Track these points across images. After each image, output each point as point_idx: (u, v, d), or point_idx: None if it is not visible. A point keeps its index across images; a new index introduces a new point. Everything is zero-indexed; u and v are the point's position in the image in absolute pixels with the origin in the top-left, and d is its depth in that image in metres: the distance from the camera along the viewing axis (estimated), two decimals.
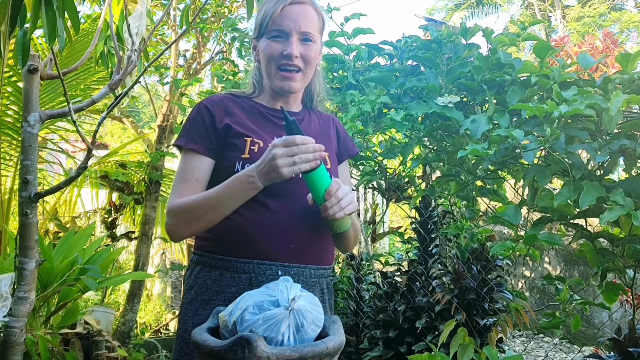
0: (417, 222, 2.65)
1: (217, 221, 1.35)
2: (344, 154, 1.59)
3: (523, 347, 4.34)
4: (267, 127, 1.45)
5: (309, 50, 1.42)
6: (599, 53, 2.49)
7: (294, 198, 1.37)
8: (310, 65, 1.44)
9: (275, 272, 1.34)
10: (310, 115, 1.57)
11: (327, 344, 0.99)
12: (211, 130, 1.43)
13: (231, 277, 1.35)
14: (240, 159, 1.37)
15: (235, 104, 1.48)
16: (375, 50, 2.34)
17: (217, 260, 1.38)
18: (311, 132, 1.50)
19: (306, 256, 1.39)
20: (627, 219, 1.66)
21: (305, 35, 1.41)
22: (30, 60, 2.06)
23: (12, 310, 2.03)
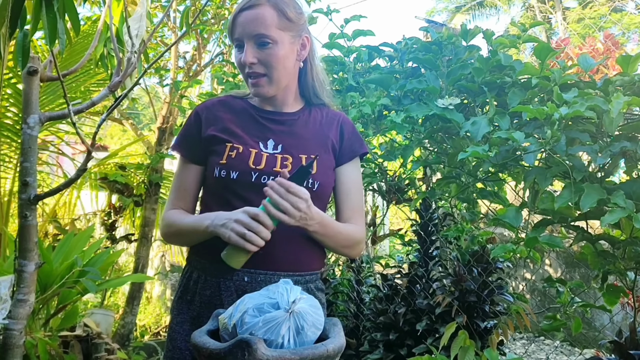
0: (417, 224, 2.65)
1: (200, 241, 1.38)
2: (346, 156, 1.51)
3: (524, 349, 4.34)
4: (254, 129, 1.43)
5: (267, 54, 1.36)
6: (600, 55, 2.49)
7: None
8: (275, 68, 1.37)
9: (242, 278, 1.34)
10: (311, 113, 1.51)
11: (328, 347, 0.99)
12: (198, 137, 1.43)
13: (205, 280, 1.38)
14: (218, 164, 1.36)
15: (227, 108, 1.47)
16: (376, 52, 2.34)
17: (198, 262, 1.41)
18: (305, 132, 1.47)
19: (276, 263, 1.36)
20: (628, 221, 1.66)
21: (260, 39, 1.35)
22: (30, 62, 2.06)
23: (12, 313, 2.03)
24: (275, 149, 1.40)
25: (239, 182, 1.35)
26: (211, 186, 1.41)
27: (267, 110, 1.47)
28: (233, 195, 1.35)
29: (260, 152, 1.38)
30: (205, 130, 1.42)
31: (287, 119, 1.47)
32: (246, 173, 1.35)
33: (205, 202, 1.44)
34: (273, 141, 1.42)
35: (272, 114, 1.47)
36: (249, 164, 1.35)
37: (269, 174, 1.35)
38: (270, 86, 1.39)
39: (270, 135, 1.42)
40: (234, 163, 1.35)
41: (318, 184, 1.39)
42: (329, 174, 1.45)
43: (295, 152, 1.41)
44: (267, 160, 1.37)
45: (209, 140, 1.41)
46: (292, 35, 1.39)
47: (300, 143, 1.43)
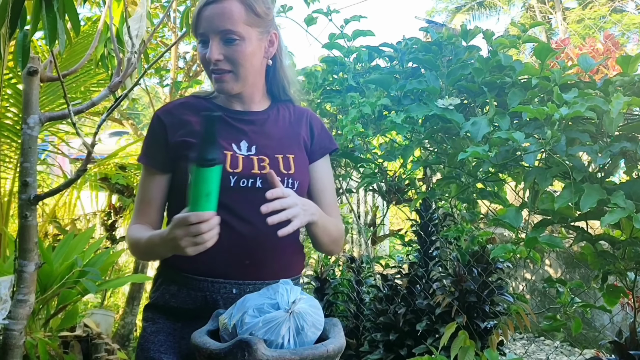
0: (417, 224, 2.65)
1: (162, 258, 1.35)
2: (317, 153, 1.48)
3: (524, 349, 4.34)
4: (225, 131, 1.36)
5: (233, 51, 1.29)
6: (600, 55, 2.49)
7: (253, 215, 1.26)
8: (242, 65, 1.31)
9: (230, 291, 1.30)
10: (279, 111, 1.46)
11: (328, 347, 0.99)
12: (164, 143, 1.36)
13: (187, 294, 1.31)
14: None
15: (192, 110, 1.39)
16: (376, 52, 2.34)
17: (175, 274, 1.34)
18: (277, 131, 1.42)
19: (263, 272, 1.32)
20: (628, 221, 1.66)
21: (226, 35, 1.28)
22: (30, 62, 2.06)
23: (12, 313, 2.03)
24: (249, 151, 1.35)
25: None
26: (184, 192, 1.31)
27: (235, 110, 1.41)
28: None
29: (235, 154, 1.33)
30: (173, 135, 1.35)
31: (257, 118, 1.41)
32: (224, 178, 1.23)
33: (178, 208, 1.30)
34: (246, 142, 1.36)
35: (241, 113, 1.41)
36: (226, 167, 1.29)
37: (247, 177, 1.31)
38: (236, 83, 1.33)
39: (243, 136, 1.37)
40: None
41: (297, 184, 1.36)
42: (305, 172, 1.42)
43: (270, 153, 1.36)
44: (244, 162, 1.32)
45: (178, 146, 1.34)
46: (260, 31, 1.33)
47: (273, 143, 1.39)
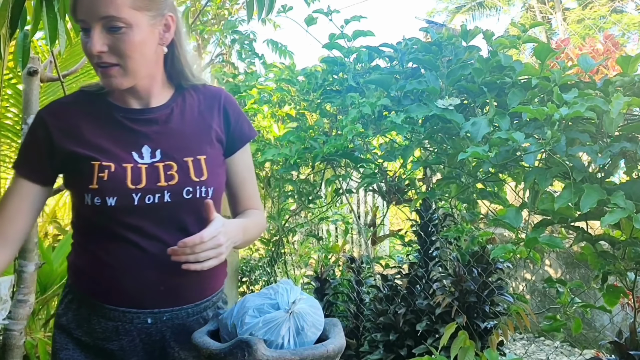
0: (417, 224, 2.65)
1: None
2: (236, 144, 1.31)
3: (524, 350, 4.33)
4: (123, 137, 1.18)
5: (119, 41, 1.08)
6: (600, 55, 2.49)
7: (164, 233, 1.16)
8: (130, 56, 1.10)
9: (144, 321, 1.17)
10: (185, 99, 1.27)
11: (328, 347, 0.99)
12: (44, 150, 1.17)
13: (98, 322, 1.17)
14: (89, 190, 1.11)
15: (83, 112, 1.20)
16: (376, 52, 2.34)
17: (86, 298, 1.19)
18: (186, 126, 1.24)
19: (180, 297, 1.19)
20: (628, 221, 1.66)
21: (110, 23, 1.07)
22: (30, 62, 2.06)
23: (12, 313, 2.03)
24: (153, 157, 1.17)
25: (119, 208, 1.12)
26: (84, 214, 1.17)
27: (133, 110, 1.21)
28: (116, 224, 1.13)
29: (137, 165, 1.15)
30: (60, 143, 1.16)
31: (159, 115, 1.22)
32: (126, 196, 1.12)
33: (82, 231, 1.21)
34: (149, 147, 1.18)
35: (140, 112, 1.21)
36: (127, 184, 1.12)
37: (153, 192, 1.14)
38: (125, 77, 1.13)
39: (144, 140, 1.18)
40: (108, 186, 1.11)
41: (212, 190, 1.20)
42: (219, 173, 1.26)
43: (178, 156, 1.19)
44: (148, 174, 1.15)
45: (67, 157, 1.15)
46: (151, 15, 1.12)
47: (181, 143, 1.21)
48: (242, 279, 4.13)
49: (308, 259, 4.53)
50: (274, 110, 2.83)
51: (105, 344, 1.18)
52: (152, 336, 1.19)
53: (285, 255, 3.61)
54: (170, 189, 1.15)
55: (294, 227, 3.53)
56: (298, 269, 4.10)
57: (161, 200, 1.14)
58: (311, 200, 2.97)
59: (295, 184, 2.96)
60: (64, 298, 1.25)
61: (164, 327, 1.19)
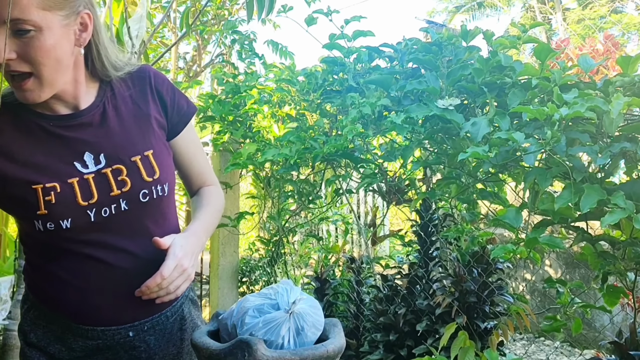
0: (417, 224, 2.65)
1: None
2: (179, 125, 1.22)
3: (524, 350, 4.33)
4: (59, 149, 1.06)
5: (29, 46, 0.96)
6: (600, 56, 2.49)
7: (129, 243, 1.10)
8: (44, 62, 0.98)
9: (126, 335, 1.12)
10: (116, 92, 1.15)
11: (328, 347, 0.99)
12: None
13: (74, 341, 1.10)
14: (37, 216, 1.01)
15: (7, 125, 1.05)
16: (376, 52, 2.34)
17: (56, 318, 1.11)
18: (123, 122, 1.13)
19: (157, 304, 1.12)
20: (628, 221, 1.66)
21: (16, 26, 0.94)
22: None
23: (12, 313, 2.03)
24: (98, 163, 1.07)
25: (76, 229, 1.04)
26: (39, 238, 1.07)
27: (62, 116, 1.09)
28: (76, 244, 1.06)
29: (83, 177, 1.05)
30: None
31: (93, 116, 1.10)
32: (81, 215, 1.03)
33: (38, 252, 1.11)
34: (90, 154, 1.07)
35: (70, 118, 1.09)
36: (79, 202, 1.03)
37: (108, 203, 1.06)
38: (42, 88, 1.01)
39: (83, 147, 1.07)
40: (58, 210, 1.02)
41: (167, 186, 1.14)
42: (169, 164, 1.18)
43: (124, 157, 1.10)
44: (97, 185, 1.06)
45: (2, 182, 1.03)
46: (64, 15, 0.99)
47: (123, 142, 1.11)
48: (242, 279, 4.14)
49: (308, 259, 4.53)
50: (274, 110, 2.83)
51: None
52: (137, 347, 1.16)
53: (285, 256, 3.61)
54: (125, 197, 1.08)
55: (294, 227, 3.53)
56: (298, 269, 4.10)
57: (118, 209, 1.07)
58: (311, 200, 2.97)
59: (295, 184, 2.96)
60: (27, 312, 1.15)
61: (147, 336, 1.17)
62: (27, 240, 1.13)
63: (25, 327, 1.14)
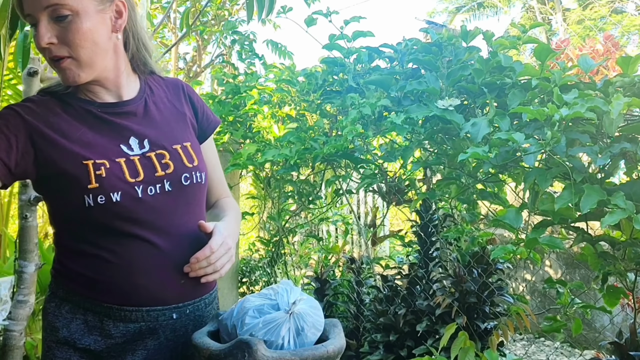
0: (417, 225, 2.65)
1: None
2: (207, 130, 1.32)
3: (524, 350, 4.33)
4: (108, 132, 1.14)
5: (67, 30, 1.04)
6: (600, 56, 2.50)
7: (172, 224, 1.15)
8: (81, 46, 1.06)
9: (170, 317, 1.14)
10: (154, 90, 1.25)
11: (328, 348, 0.99)
12: (17, 144, 1.06)
13: (115, 326, 1.11)
14: (88, 190, 1.05)
15: (59, 109, 1.13)
16: (376, 53, 2.34)
17: (94, 304, 1.12)
18: (163, 115, 1.22)
19: (199, 288, 1.18)
20: (628, 222, 1.66)
21: (55, 12, 1.03)
22: (31, 63, 2.06)
23: (12, 314, 2.03)
24: (142, 147, 1.15)
25: (124, 203, 1.08)
26: (84, 219, 1.09)
27: (108, 103, 1.16)
28: (123, 221, 1.09)
29: (129, 157, 1.12)
30: (38, 139, 1.08)
31: (136, 108, 1.19)
32: (129, 190, 1.08)
33: (79, 236, 1.12)
34: (135, 139, 1.15)
35: (116, 105, 1.17)
36: (127, 178, 1.09)
37: (154, 182, 1.12)
38: (81, 69, 1.08)
39: (129, 132, 1.15)
40: (109, 183, 1.07)
41: (204, 175, 1.21)
42: (203, 158, 1.25)
43: (166, 144, 1.17)
44: (143, 165, 1.12)
45: (49, 154, 1.08)
46: (99, 1, 1.08)
47: (164, 132, 1.19)
48: (242, 280, 4.13)
49: (308, 259, 4.53)
50: (274, 110, 2.83)
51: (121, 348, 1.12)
52: (177, 331, 1.17)
53: (286, 256, 3.61)
54: (168, 178, 1.14)
55: (294, 227, 3.53)
56: (298, 269, 4.10)
57: (162, 190, 1.13)
58: (311, 200, 2.97)
59: (296, 185, 2.96)
60: (57, 308, 1.15)
61: (187, 321, 1.18)
62: (71, 227, 1.14)
63: (57, 323, 1.14)
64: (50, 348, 1.13)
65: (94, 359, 1.11)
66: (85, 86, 1.14)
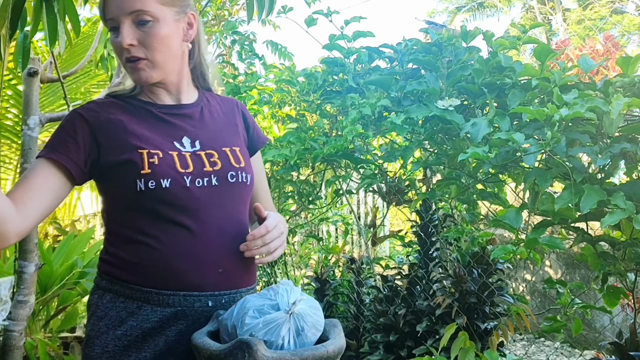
0: (417, 225, 2.65)
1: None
2: (256, 144, 1.41)
3: (524, 350, 4.33)
4: (163, 129, 1.24)
5: (147, 35, 1.16)
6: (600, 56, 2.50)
7: (216, 216, 1.20)
8: (158, 49, 1.18)
9: (205, 304, 1.17)
10: (210, 102, 1.36)
11: (328, 348, 0.99)
12: (85, 145, 1.17)
13: (152, 311, 1.16)
14: (141, 175, 1.14)
15: (118, 109, 1.24)
16: (376, 53, 2.34)
17: (133, 290, 1.17)
18: (215, 122, 1.32)
19: (236, 279, 1.23)
20: (628, 222, 1.66)
21: (139, 17, 1.15)
22: (31, 63, 2.06)
23: (12, 314, 2.03)
24: (194, 146, 1.24)
25: (173, 190, 1.15)
26: (133, 201, 1.17)
27: (168, 105, 1.28)
28: (170, 208, 1.16)
29: (180, 152, 1.21)
30: (101, 137, 1.19)
31: (193, 112, 1.29)
32: (178, 179, 1.16)
33: (126, 222, 1.20)
34: (188, 138, 1.24)
35: (174, 108, 1.28)
36: (177, 168, 1.18)
37: (201, 176, 1.20)
38: (153, 70, 1.20)
39: (182, 132, 1.25)
40: (161, 170, 1.15)
41: (250, 177, 1.28)
42: (250, 164, 1.33)
43: (216, 146, 1.26)
44: (193, 160, 1.21)
45: (110, 147, 1.18)
46: (176, 11, 1.21)
47: (215, 136, 1.28)
48: None
49: (308, 259, 4.53)
50: (274, 111, 2.83)
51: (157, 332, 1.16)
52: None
53: (286, 256, 3.61)
54: (216, 174, 1.21)
55: (294, 227, 3.54)
56: (298, 269, 4.10)
57: (209, 184, 1.20)
58: (311, 201, 2.97)
59: (296, 185, 2.96)
60: (99, 299, 1.20)
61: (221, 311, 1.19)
62: (122, 215, 1.21)
63: (98, 313, 1.19)
64: (90, 337, 1.19)
65: (129, 344, 1.16)
66: (149, 88, 1.26)
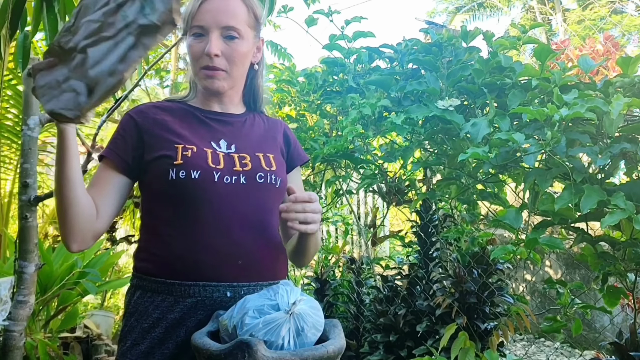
0: (417, 225, 2.65)
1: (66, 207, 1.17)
2: (295, 160, 1.48)
3: (524, 351, 4.33)
4: (202, 131, 1.32)
5: (232, 49, 1.27)
6: (600, 56, 2.50)
7: (239, 211, 1.25)
8: (237, 64, 1.30)
9: (224, 294, 1.21)
10: (255, 117, 1.44)
11: (328, 348, 0.99)
12: (131, 142, 1.28)
13: (174, 302, 1.21)
14: (173, 165, 1.22)
15: (165, 112, 1.34)
16: (376, 53, 2.34)
17: (159, 284, 1.23)
18: (254, 133, 1.39)
19: (257, 273, 1.26)
20: (628, 222, 1.66)
21: (229, 32, 1.27)
22: (31, 63, 2.06)
23: (12, 314, 2.03)
24: (229, 149, 1.31)
25: (201, 182, 1.22)
26: (163, 191, 1.25)
27: (213, 112, 1.37)
28: (195, 198, 1.22)
29: (216, 151, 1.29)
30: (145, 134, 1.29)
31: (235, 120, 1.38)
32: (208, 172, 1.23)
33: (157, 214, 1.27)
34: (225, 141, 1.33)
35: (218, 114, 1.37)
36: (208, 163, 1.25)
37: (230, 174, 1.26)
38: (227, 81, 1.31)
39: (221, 136, 1.33)
40: (192, 162, 1.23)
41: (280, 180, 1.32)
42: (284, 173, 1.38)
43: (250, 151, 1.33)
44: (225, 159, 1.28)
45: (152, 144, 1.27)
46: (254, 34, 1.34)
47: (252, 143, 1.36)
48: None
49: None
50: (274, 111, 2.83)
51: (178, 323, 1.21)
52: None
53: None
54: (245, 173, 1.27)
55: None
56: (298, 269, 4.10)
57: (237, 182, 1.25)
58: None
59: None
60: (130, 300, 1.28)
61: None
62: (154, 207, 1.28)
63: (130, 309, 1.27)
64: (123, 333, 1.27)
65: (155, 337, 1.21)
66: (206, 95, 1.36)
